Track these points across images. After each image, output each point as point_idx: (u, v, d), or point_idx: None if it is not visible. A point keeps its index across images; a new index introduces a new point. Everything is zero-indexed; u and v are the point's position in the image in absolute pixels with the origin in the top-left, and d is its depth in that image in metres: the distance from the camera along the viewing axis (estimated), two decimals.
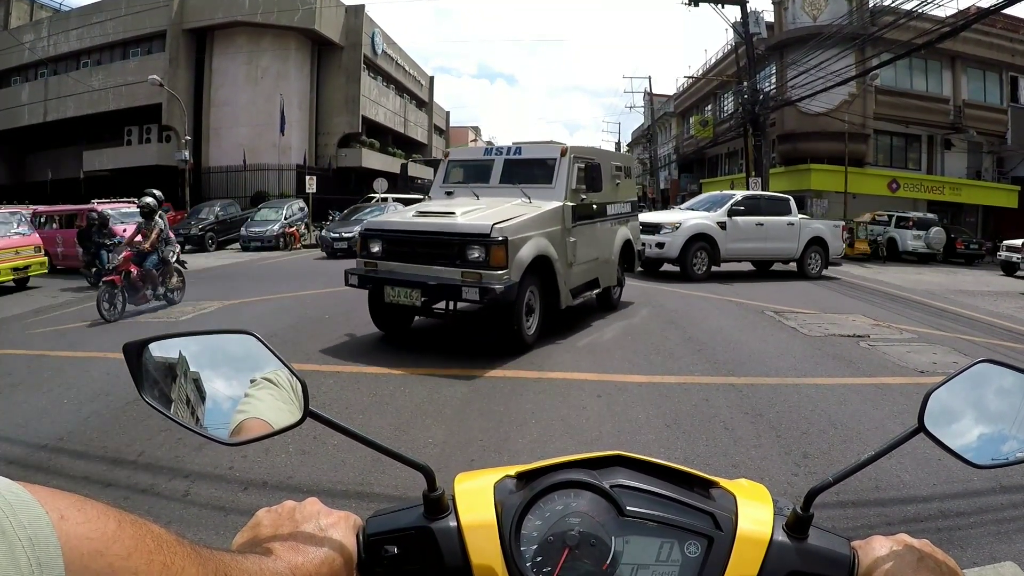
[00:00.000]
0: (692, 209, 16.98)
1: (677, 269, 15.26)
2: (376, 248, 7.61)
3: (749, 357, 7.30)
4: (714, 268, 15.57)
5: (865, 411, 5.49)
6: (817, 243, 17.02)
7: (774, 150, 32.27)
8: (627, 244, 10.37)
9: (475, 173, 9.18)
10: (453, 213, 7.31)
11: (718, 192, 19.21)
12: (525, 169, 8.65)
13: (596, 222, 9.10)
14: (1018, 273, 21.59)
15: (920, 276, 19.72)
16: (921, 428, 0.81)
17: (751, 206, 16.21)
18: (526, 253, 7.10)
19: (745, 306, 11.16)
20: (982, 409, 0.84)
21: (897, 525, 3.46)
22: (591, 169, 8.51)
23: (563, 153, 8.38)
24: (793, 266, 17.15)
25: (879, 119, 30.31)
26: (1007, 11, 18.91)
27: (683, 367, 6.81)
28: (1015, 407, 0.82)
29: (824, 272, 17.39)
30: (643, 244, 14.57)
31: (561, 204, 8.00)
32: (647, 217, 16.30)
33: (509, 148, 9.05)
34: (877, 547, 0.78)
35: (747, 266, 17.41)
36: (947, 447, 0.81)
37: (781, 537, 0.79)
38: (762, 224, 16.04)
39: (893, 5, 22.44)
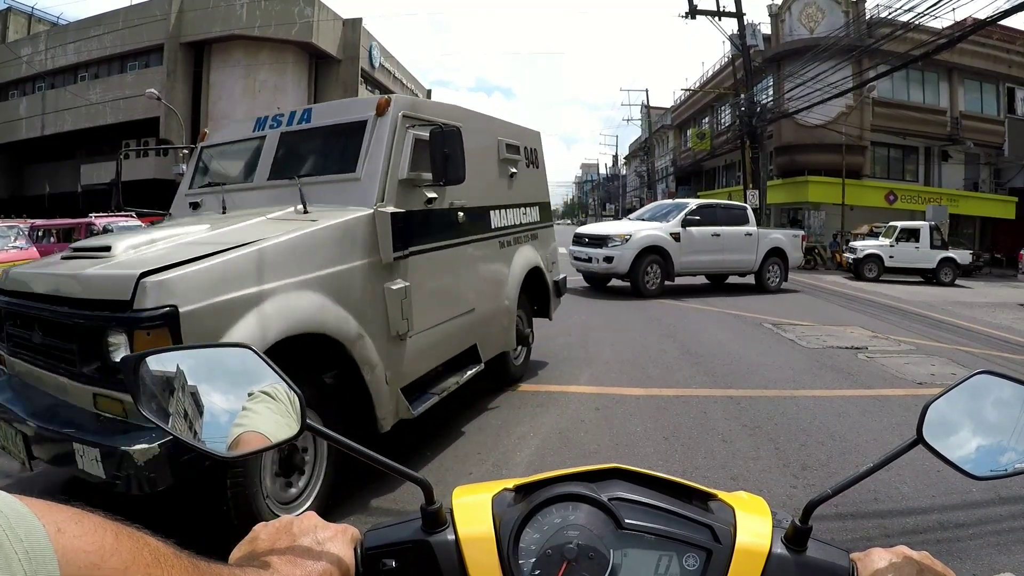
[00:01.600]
0: (643, 219, 15.85)
1: (627, 285, 14.32)
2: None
3: (747, 369, 7.29)
4: (667, 283, 14.53)
5: (863, 423, 5.47)
6: (776, 254, 16.27)
7: (772, 162, 32.37)
8: (534, 274, 6.58)
9: (241, 165, 5.28)
10: (107, 249, 3.48)
11: (670, 200, 18.48)
12: (316, 150, 4.84)
13: (466, 243, 5.18)
14: (867, 275, 21.83)
15: (918, 287, 19.77)
16: (920, 440, 0.81)
17: (706, 215, 15.18)
18: (247, 335, 3.18)
19: (742, 318, 11.16)
20: (980, 420, 0.83)
21: (896, 537, 3.46)
22: (442, 140, 4.29)
23: (381, 110, 4.44)
24: (751, 279, 16.40)
25: (876, 131, 30.45)
26: (1003, 23, 18.99)
27: (681, 380, 6.80)
28: (1013, 418, 0.82)
29: (783, 284, 16.65)
30: (589, 258, 14.22)
31: (370, 211, 4.07)
32: (593, 228, 15.71)
33: (292, 114, 5.00)
34: (876, 559, 0.78)
35: (701, 280, 16.66)
36: (945, 458, 0.81)
37: (780, 550, 0.79)
38: (718, 235, 15.11)
39: (890, 17, 22.56)
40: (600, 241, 14.26)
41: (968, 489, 4.06)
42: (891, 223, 23.80)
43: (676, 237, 14.40)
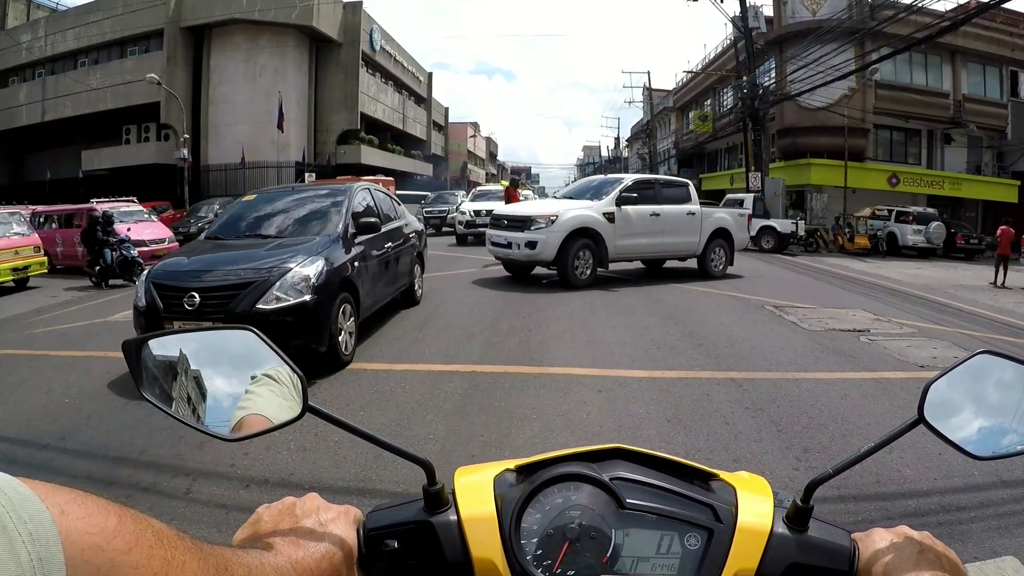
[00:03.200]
0: (571, 198, 13.66)
1: (554, 273, 12.41)
2: None
3: (750, 352, 7.28)
4: (599, 271, 12.58)
5: (866, 405, 5.48)
6: (721, 236, 14.42)
7: (774, 145, 32.28)
8: None
9: None
10: None
11: (601, 176, 15.99)
12: None
13: None
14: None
15: (920, 271, 19.75)
16: (921, 420, 0.81)
17: (645, 193, 13.06)
18: None
19: (745, 300, 11.15)
20: (982, 401, 0.83)
21: (898, 519, 3.46)
22: None
23: None
24: (692, 263, 14.66)
25: (879, 114, 30.30)
26: (1007, 5, 18.90)
27: (683, 362, 6.80)
28: (1015, 399, 0.81)
29: (729, 270, 14.86)
30: (508, 243, 12.25)
31: None
32: (514, 209, 13.77)
33: None
34: (878, 539, 0.78)
35: (637, 266, 14.95)
36: (947, 439, 0.81)
37: (781, 529, 0.80)
38: (658, 215, 13.05)
39: None
40: (521, 223, 12.18)
41: (970, 472, 4.07)
42: (728, 195, 25.27)
43: (610, 218, 12.38)
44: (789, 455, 4.37)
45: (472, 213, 21.82)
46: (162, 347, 0.83)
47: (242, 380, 0.84)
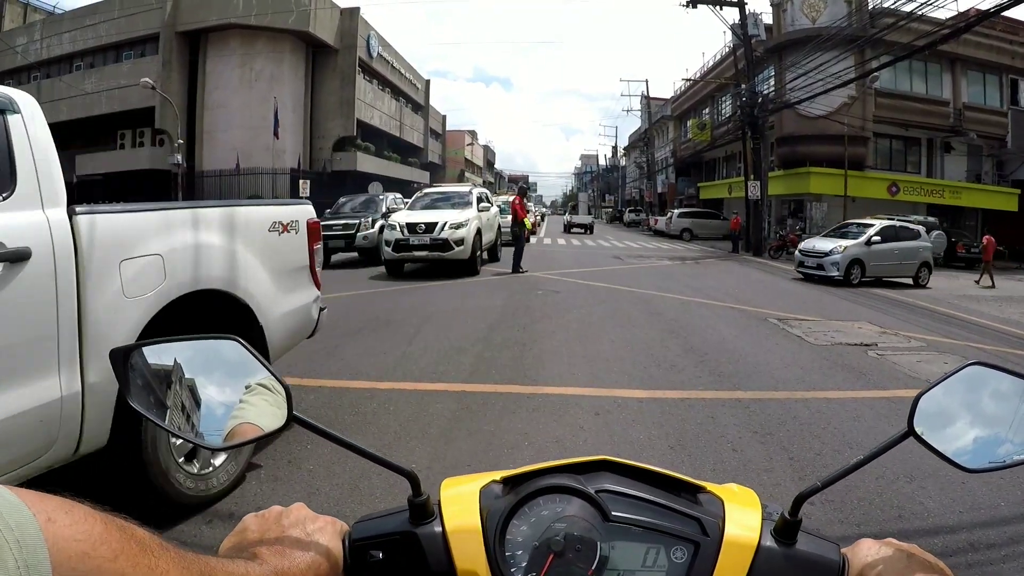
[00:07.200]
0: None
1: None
2: None
3: (755, 369, 6.99)
4: None
5: (881, 428, 5.17)
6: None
7: (773, 153, 32.21)
8: None
9: None
10: None
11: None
12: None
13: None
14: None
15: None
16: (911, 432, 0.80)
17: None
18: None
19: (747, 313, 10.91)
20: (976, 412, 0.82)
21: None
22: None
23: None
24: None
25: (879, 122, 30.29)
26: (1007, 13, 18.73)
27: (686, 380, 6.49)
28: (1011, 410, 0.80)
29: None
30: None
31: None
32: None
33: None
34: (866, 551, 0.78)
35: None
36: (937, 451, 0.79)
37: (769, 542, 0.79)
38: None
39: (893, 7, 22.31)
40: None
41: (996, 503, 3.83)
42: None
43: None
44: (803, 486, 4.03)
45: (405, 229, 15.22)
46: (156, 355, 0.83)
47: (236, 389, 0.84)
